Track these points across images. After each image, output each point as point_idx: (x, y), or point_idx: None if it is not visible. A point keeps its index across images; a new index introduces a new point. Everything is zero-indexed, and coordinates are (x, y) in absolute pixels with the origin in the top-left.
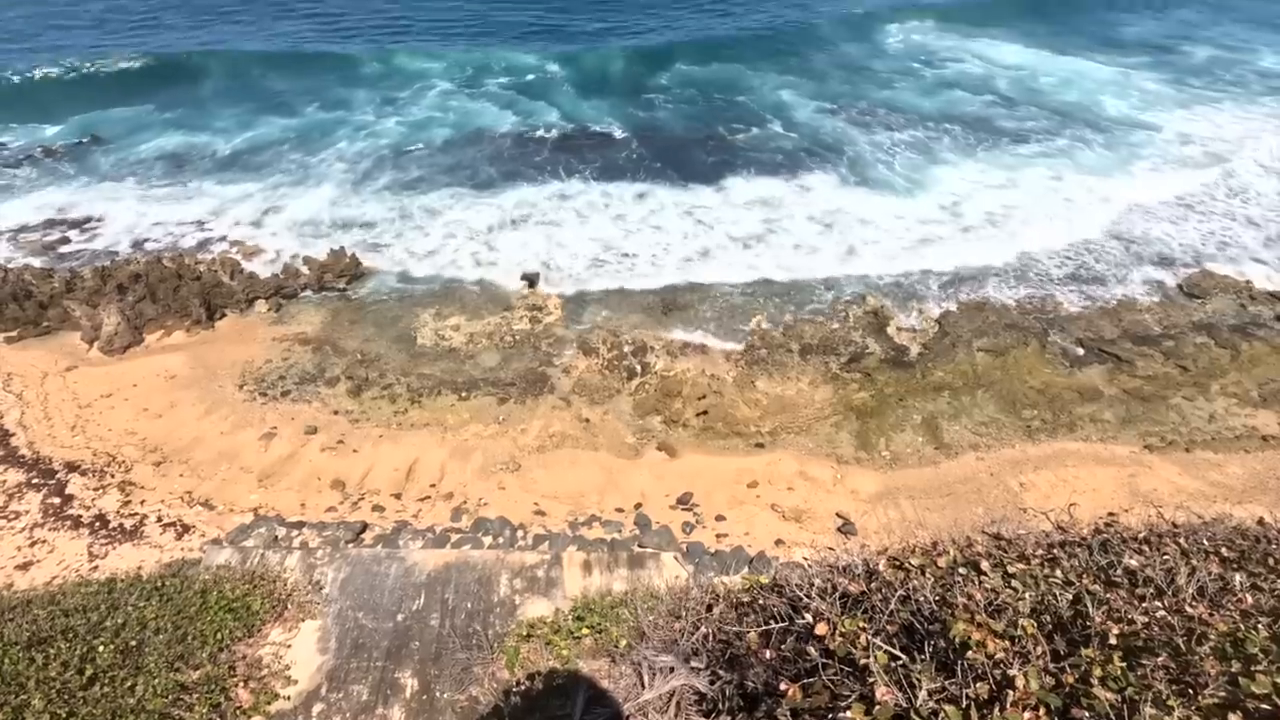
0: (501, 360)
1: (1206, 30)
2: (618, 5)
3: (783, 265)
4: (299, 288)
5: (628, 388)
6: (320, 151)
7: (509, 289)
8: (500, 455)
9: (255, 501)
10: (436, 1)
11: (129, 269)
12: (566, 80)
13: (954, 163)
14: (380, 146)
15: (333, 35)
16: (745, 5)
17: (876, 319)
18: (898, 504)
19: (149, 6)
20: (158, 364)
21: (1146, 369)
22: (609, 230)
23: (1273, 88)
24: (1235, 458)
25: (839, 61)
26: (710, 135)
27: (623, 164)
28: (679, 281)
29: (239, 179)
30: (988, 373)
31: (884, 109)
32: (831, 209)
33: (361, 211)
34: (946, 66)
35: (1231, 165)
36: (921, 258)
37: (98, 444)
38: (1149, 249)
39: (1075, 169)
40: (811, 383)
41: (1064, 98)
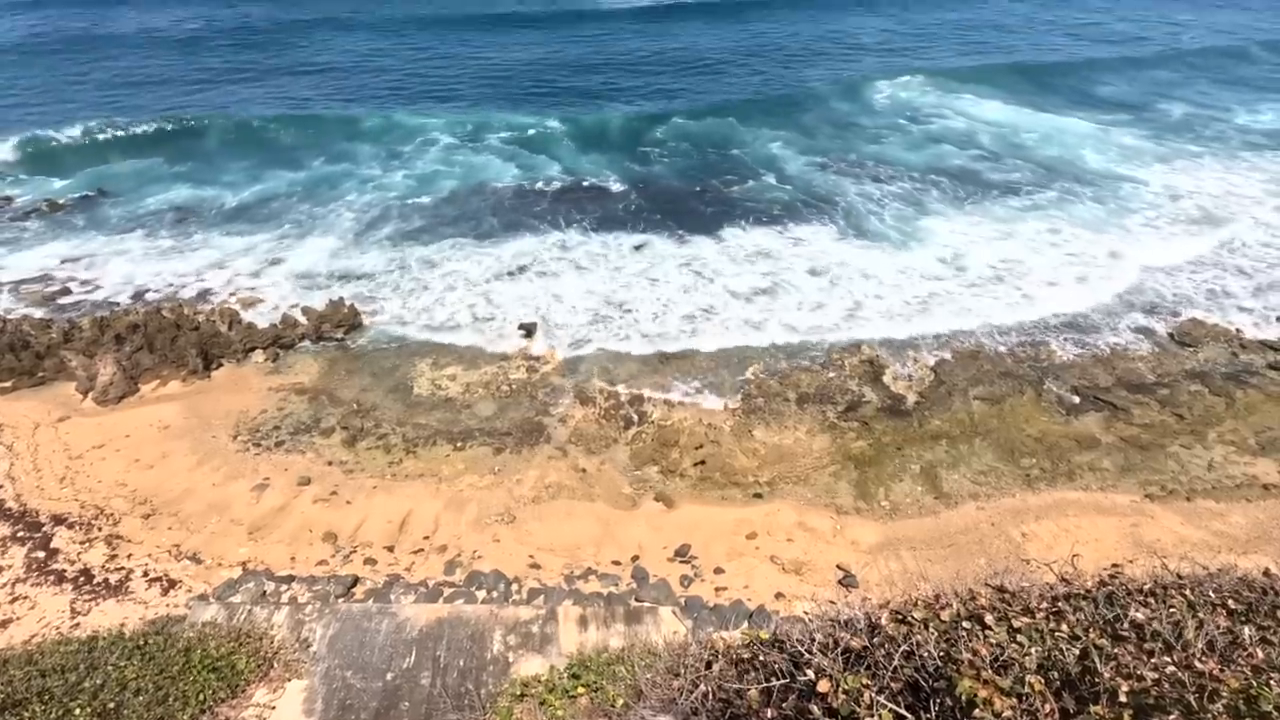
0: (498, 410)
1: (1180, 89)
2: (614, 70)
3: (787, 324)
4: (297, 338)
5: (624, 437)
6: (327, 204)
7: (507, 339)
8: (495, 506)
9: (244, 555)
10: (437, 68)
11: (128, 319)
12: (566, 135)
13: (946, 215)
14: (385, 199)
15: (337, 98)
16: (738, 67)
17: (872, 368)
18: (899, 555)
19: (154, 73)
20: (152, 414)
21: (1143, 417)
22: (607, 282)
23: (1250, 143)
24: (1237, 507)
25: (828, 117)
26: (705, 188)
27: (621, 215)
28: (679, 348)
29: (244, 231)
30: (985, 421)
31: (873, 162)
32: (832, 262)
33: (362, 262)
34: (931, 122)
35: (1235, 226)
36: (931, 316)
37: (87, 496)
38: (1162, 308)
39: (1070, 222)
40: (809, 432)
41: (1046, 152)
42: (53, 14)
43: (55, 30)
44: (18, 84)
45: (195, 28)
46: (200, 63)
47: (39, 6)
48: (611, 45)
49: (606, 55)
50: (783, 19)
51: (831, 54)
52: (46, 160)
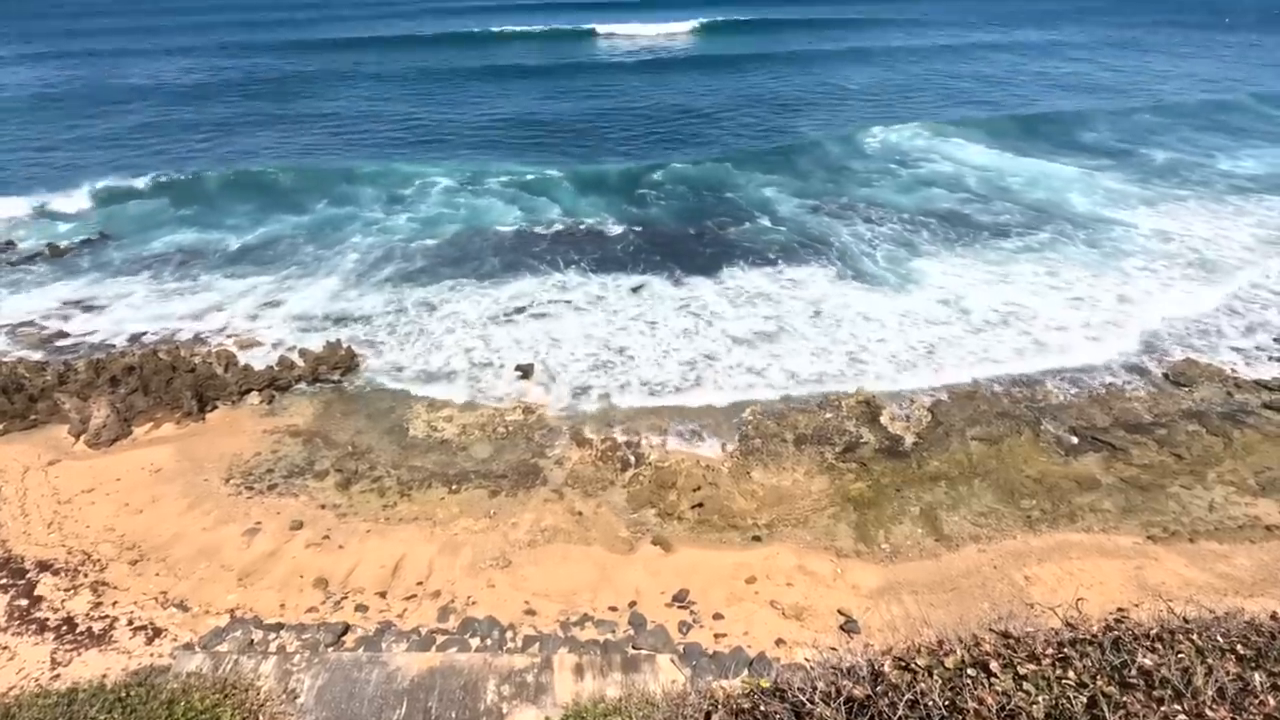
0: (494, 452)
1: (1162, 136)
2: (611, 119)
3: (789, 370)
4: (293, 379)
5: (621, 479)
6: (329, 246)
7: (504, 381)
8: (490, 551)
9: (233, 602)
10: (438, 118)
11: (124, 361)
12: (564, 181)
13: (939, 255)
14: (388, 241)
15: (340, 146)
16: (732, 116)
17: (869, 408)
18: (900, 599)
19: (160, 122)
20: (143, 457)
21: (1142, 457)
22: (606, 324)
23: (1236, 187)
24: (1241, 548)
25: (820, 162)
26: (702, 230)
27: (619, 256)
28: (679, 394)
29: (246, 273)
30: (983, 462)
31: (865, 204)
32: (832, 305)
33: (361, 304)
34: (920, 166)
35: (1239, 273)
36: (938, 363)
37: (74, 541)
38: (1160, 349)
39: (1065, 263)
40: (807, 473)
41: (1033, 195)
42: (62, 67)
43: (66, 81)
44: (25, 135)
45: (201, 78)
46: (207, 111)
47: (48, 59)
48: (609, 96)
49: (604, 105)
50: (776, 70)
51: (823, 103)
52: (51, 207)
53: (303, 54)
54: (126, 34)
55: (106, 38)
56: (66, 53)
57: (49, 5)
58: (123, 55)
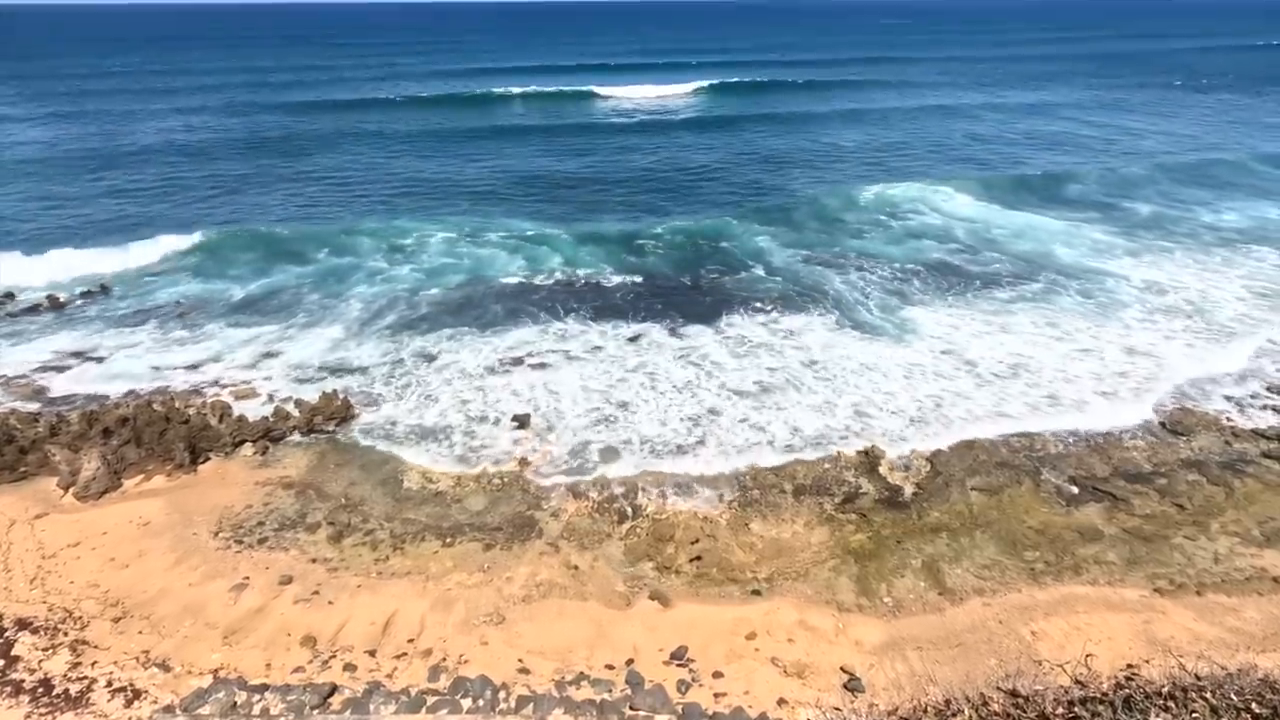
0: (489, 504)
1: (1144, 190)
2: (611, 176)
3: (795, 427)
4: (288, 430)
5: (618, 531)
6: (332, 297)
7: (501, 431)
8: (484, 606)
9: (217, 661)
10: (441, 175)
11: (117, 412)
12: (565, 235)
13: (935, 305)
14: (391, 291)
15: (345, 202)
16: (730, 173)
17: (868, 458)
18: (904, 656)
19: (167, 180)
20: (132, 510)
21: (1144, 507)
22: (604, 375)
23: (1222, 239)
24: (1249, 601)
25: (815, 216)
26: (702, 281)
27: (619, 305)
28: (680, 446)
29: (247, 323)
30: (984, 512)
31: (856, 254)
32: (833, 356)
33: (360, 354)
34: (910, 219)
35: (1250, 336)
36: (948, 421)
37: (56, 598)
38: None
39: (1063, 314)
40: (807, 524)
41: (1021, 247)
42: (74, 125)
43: (76, 139)
44: (34, 192)
45: (209, 137)
46: (214, 169)
47: (62, 119)
48: (608, 155)
49: (603, 164)
50: (771, 130)
51: (817, 161)
52: (51, 259)
53: (309, 114)
54: (137, 94)
55: (118, 98)
56: (80, 113)
57: (64, 66)
58: (133, 116)
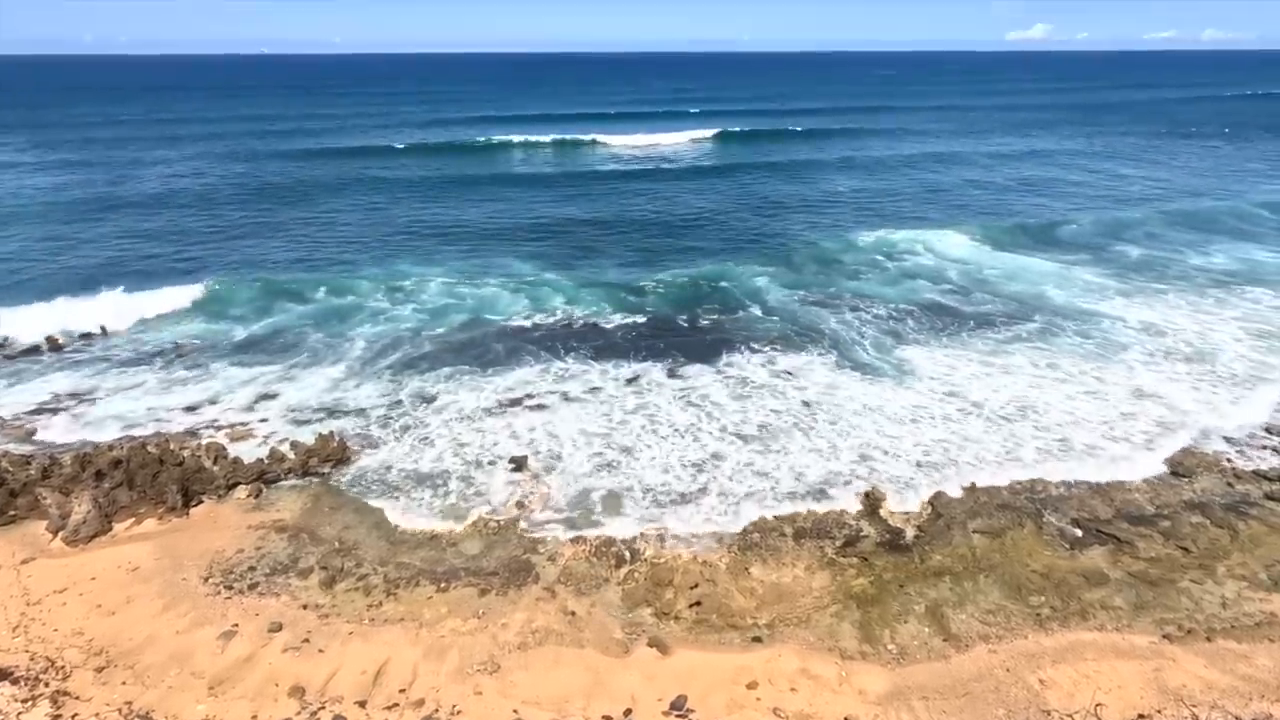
0: (484, 548)
1: (1133, 233)
2: (611, 221)
3: (798, 471)
4: (283, 472)
5: (616, 576)
6: (333, 338)
7: (498, 473)
8: (478, 654)
9: (202, 713)
10: (442, 220)
11: (111, 454)
12: (565, 278)
13: (935, 347)
14: (394, 331)
15: (347, 247)
16: (728, 218)
17: (868, 500)
18: (910, 706)
19: (172, 226)
20: (121, 555)
21: (1148, 550)
22: (603, 417)
23: (1214, 280)
24: (1261, 647)
25: (812, 259)
26: (700, 320)
27: (619, 346)
28: (679, 492)
29: (247, 363)
30: (987, 556)
31: (853, 295)
32: (833, 398)
33: (358, 394)
34: (905, 259)
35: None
36: (949, 466)
37: (38, 646)
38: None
39: (1063, 355)
40: (808, 568)
41: (1013, 288)
42: (79, 173)
43: (80, 185)
44: (40, 238)
45: (213, 184)
46: (217, 216)
47: (67, 167)
48: (608, 201)
49: (604, 209)
50: (769, 177)
51: (814, 207)
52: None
53: (313, 161)
54: (144, 142)
55: (123, 146)
56: (86, 161)
57: (74, 115)
58: (139, 163)
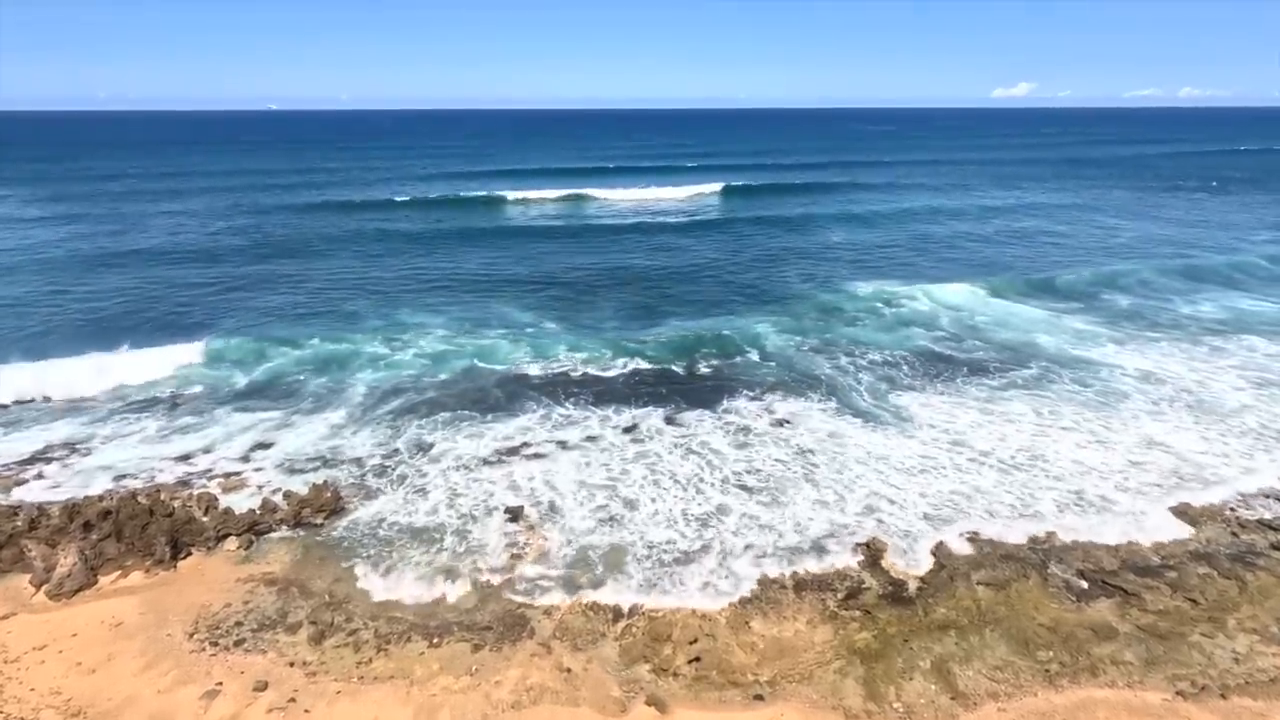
0: (479, 601)
1: (1122, 281)
2: (610, 274)
3: (799, 522)
4: (274, 523)
5: (613, 630)
6: (331, 385)
7: (493, 524)
8: (470, 714)
9: None
10: (442, 272)
11: (100, 505)
12: (565, 327)
13: (933, 394)
14: (392, 379)
15: (347, 297)
16: (727, 270)
17: (869, 550)
18: None
19: (176, 278)
20: (105, 609)
21: (1156, 603)
22: (602, 467)
23: (1208, 329)
24: (1278, 705)
25: (808, 307)
26: (699, 369)
27: (618, 394)
28: (680, 548)
29: (244, 410)
30: (992, 609)
31: (848, 342)
32: (835, 447)
33: (355, 442)
34: (901, 308)
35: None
36: (953, 516)
37: (14, 707)
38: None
39: (1063, 403)
40: (809, 622)
41: (1005, 335)
42: (86, 226)
43: (86, 237)
44: (40, 296)
45: (216, 237)
46: (220, 269)
47: (74, 220)
48: (608, 253)
49: (603, 261)
50: (765, 231)
51: (811, 259)
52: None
53: (315, 214)
54: (147, 195)
55: (129, 199)
56: (90, 214)
57: (81, 168)
58: (142, 216)
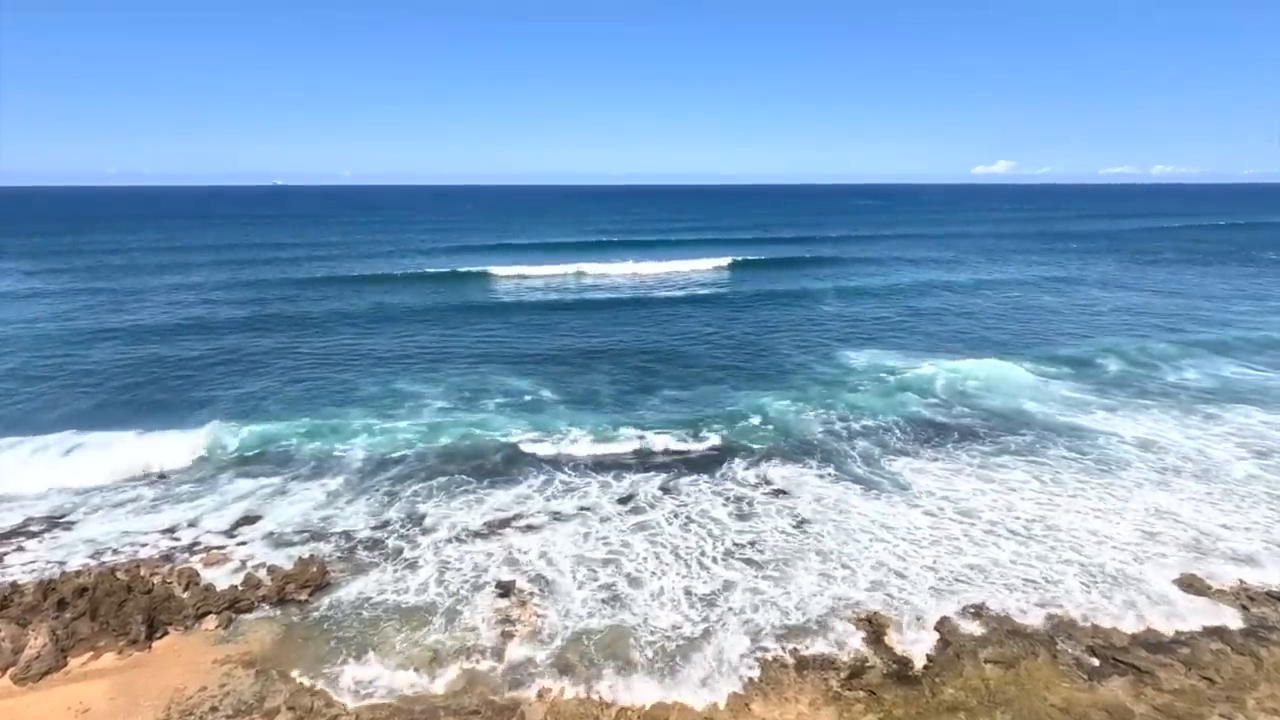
0: (467, 684)
1: (1107, 349)
2: (607, 349)
3: (803, 600)
4: (257, 600)
5: (608, 714)
6: (323, 455)
7: (484, 601)
8: None
9: None
10: (436, 347)
11: (77, 581)
12: (561, 395)
13: (935, 460)
14: (387, 447)
15: (341, 370)
16: (721, 343)
17: (871, 626)
18: None
19: (170, 353)
20: (73, 694)
21: (1171, 681)
22: (599, 539)
23: (1199, 396)
24: None
25: (802, 375)
26: (699, 436)
27: (615, 464)
28: (680, 634)
29: (230, 482)
30: (1002, 689)
31: (845, 407)
32: (838, 517)
33: (345, 512)
34: (893, 377)
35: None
36: (959, 588)
37: None
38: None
39: (1062, 470)
40: (812, 704)
41: (994, 402)
42: (81, 302)
43: (82, 313)
44: (32, 372)
45: (215, 307)
46: (218, 339)
47: (71, 294)
48: (604, 326)
49: (599, 333)
50: (759, 303)
51: (805, 330)
52: (43, 436)
53: (315, 289)
54: (150, 269)
55: (131, 274)
56: (90, 288)
57: (85, 241)
58: (145, 290)
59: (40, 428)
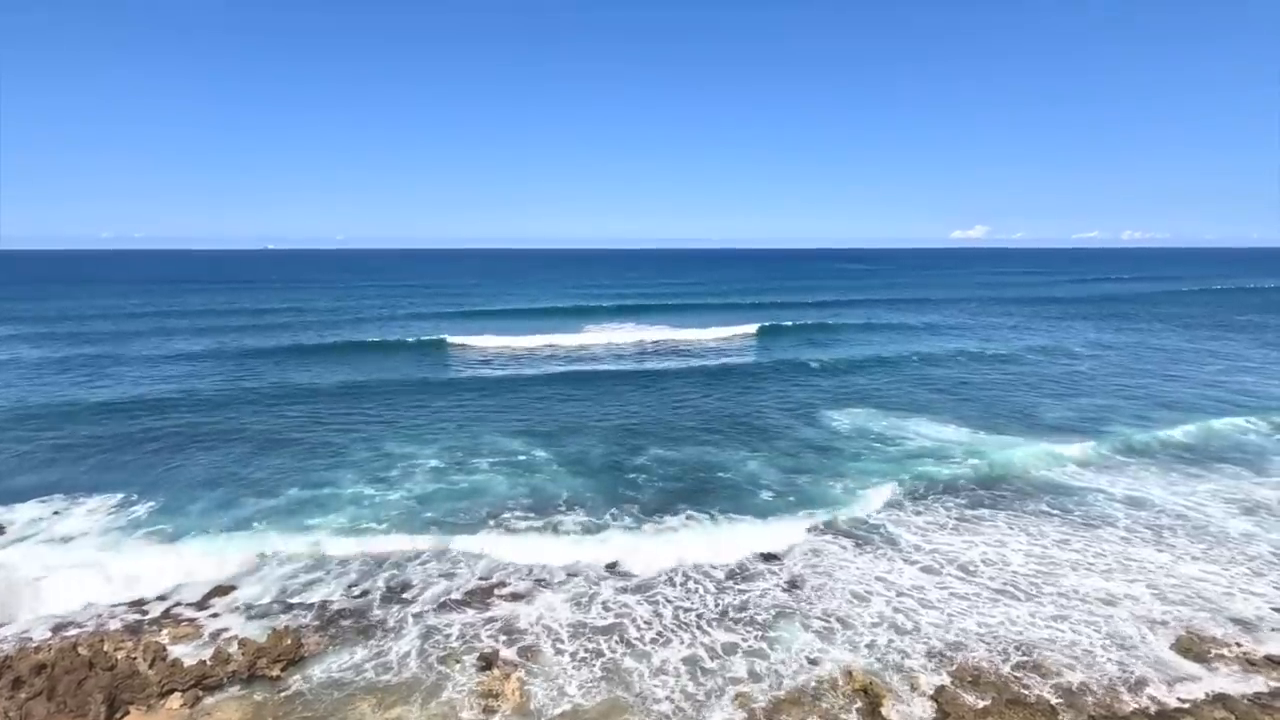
0: None
1: (1091, 409)
2: (600, 418)
3: (802, 662)
4: (226, 676)
5: None
6: (304, 522)
7: (464, 674)
8: None
9: None
10: (427, 419)
11: (36, 658)
12: (555, 456)
13: (934, 521)
14: (360, 518)
15: (332, 432)
16: (712, 409)
17: (867, 695)
18: None
19: (136, 440)
20: None
21: None
22: (588, 607)
23: (1176, 454)
24: None
25: (791, 437)
26: (691, 497)
27: (606, 525)
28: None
29: (204, 553)
30: None
31: (835, 468)
32: (842, 577)
33: (326, 581)
34: (879, 435)
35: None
36: (957, 651)
37: None
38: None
39: (1048, 527)
40: None
41: (974, 461)
42: (59, 372)
43: (77, 356)
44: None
45: (196, 376)
46: (193, 413)
47: (38, 368)
48: (595, 391)
49: (591, 398)
50: (749, 365)
51: (789, 394)
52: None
53: (299, 357)
54: (134, 336)
55: (110, 342)
56: (71, 357)
57: (71, 306)
58: (124, 360)
59: (6, 497)
